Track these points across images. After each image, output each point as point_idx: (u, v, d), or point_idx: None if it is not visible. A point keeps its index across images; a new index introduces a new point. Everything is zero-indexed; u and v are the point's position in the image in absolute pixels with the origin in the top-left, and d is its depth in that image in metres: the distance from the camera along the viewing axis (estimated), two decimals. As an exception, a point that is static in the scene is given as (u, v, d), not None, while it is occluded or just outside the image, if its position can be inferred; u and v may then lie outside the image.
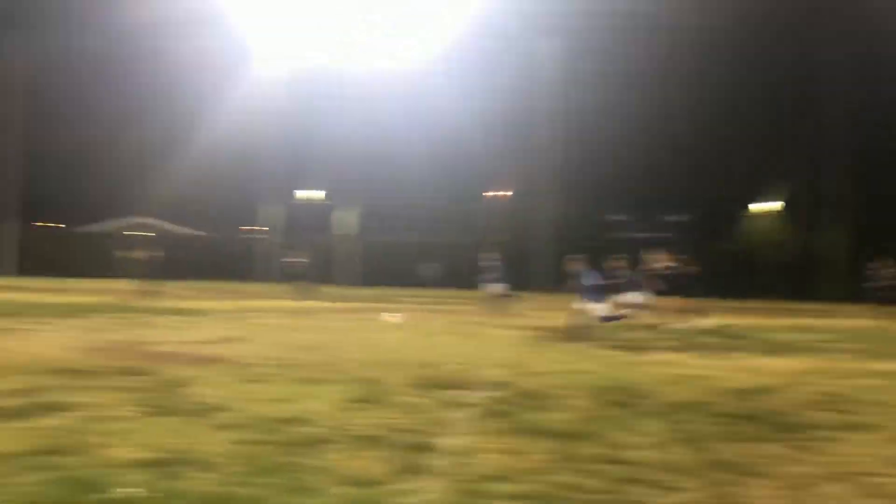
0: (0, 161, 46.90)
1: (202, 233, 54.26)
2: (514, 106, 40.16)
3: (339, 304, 22.45)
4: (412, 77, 41.33)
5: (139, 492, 3.60)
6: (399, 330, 13.74)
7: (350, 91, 44.69)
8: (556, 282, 21.30)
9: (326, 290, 32.58)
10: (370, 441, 4.86)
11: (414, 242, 49.05)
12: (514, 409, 6.16)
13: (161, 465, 4.12)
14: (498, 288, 20.13)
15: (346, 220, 50.03)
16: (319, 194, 52.54)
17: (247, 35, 43.78)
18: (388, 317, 15.27)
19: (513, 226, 44.05)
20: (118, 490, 3.60)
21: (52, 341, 10.11)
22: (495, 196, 48.47)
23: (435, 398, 6.50)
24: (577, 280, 13.04)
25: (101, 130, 45.45)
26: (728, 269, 32.52)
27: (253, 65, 45.09)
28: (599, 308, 12.60)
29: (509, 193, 48.19)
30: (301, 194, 52.12)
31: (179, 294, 24.94)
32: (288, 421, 5.36)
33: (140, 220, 58.62)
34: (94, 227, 57.90)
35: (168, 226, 56.67)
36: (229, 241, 53.38)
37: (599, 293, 12.74)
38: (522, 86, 40.67)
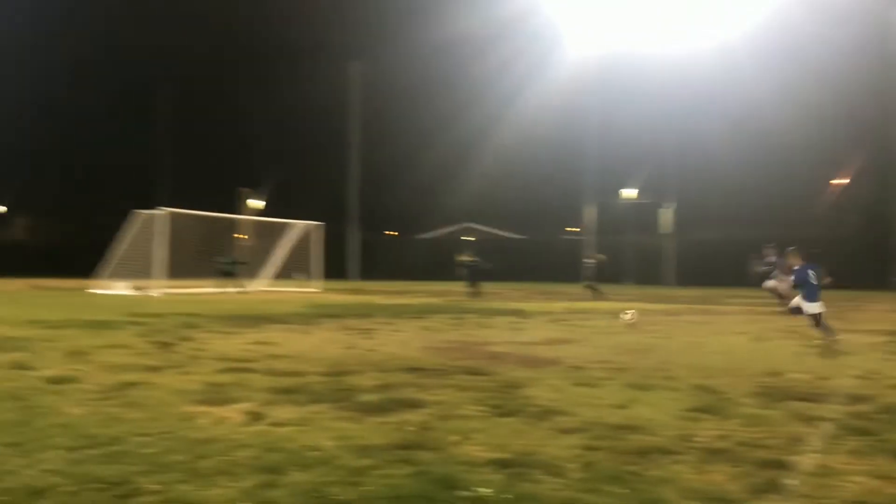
0: (343, 176, 52.86)
1: (523, 236, 56.33)
2: (852, 87, 36.06)
3: (658, 306, 21.91)
4: (728, 61, 38.89)
5: (494, 493, 3.75)
6: (727, 334, 12.99)
7: (664, 83, 43.34)
8: None
9: (647, 290, 31.98)
10: (716, 454, 4.60)
11: (736, 240, 46.26)
12: (878, 426, 5.46)
13: (509, 465, 4.26)
14: (772, 283, 18.53)
15: (663, 218, 48.73)
16: (636, 193, 51.84)
17: (558, 32, 44.36)
18: (625, 317, 14.55)
19: (861, 217, 39.54)
20: (475, 489, 3.78)
21: (399, 340, 11.08)
22: (838, 185, 43.91)
23: (783, 410, 6.00)
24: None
25: (428, 143, 49.32)
26: None
27: (568, 64, 45.62)
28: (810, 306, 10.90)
29: (853, 182, 43.37)
30: (621, 193, 51.78)
31: (506, 296, 26.09)
32: (626, 428, 5.28)
33: (467, 226, 62.55)
34: (427, 235, 62.83)
35: (493, 230, 59.78)
36: (551, 243, 54.76)
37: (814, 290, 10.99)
38: (861, 63, 36.39)
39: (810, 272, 11.80)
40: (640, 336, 12.27)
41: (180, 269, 29.57)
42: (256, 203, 52.22)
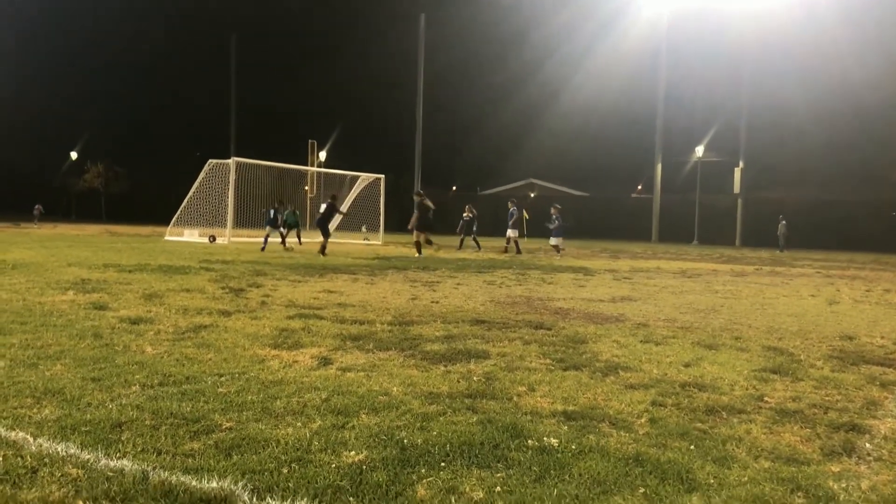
0: (409, 131, 52.83)
1: (588, 194, 55.73)
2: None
3: (725, 266, 21.49)
4: (805, 13, 37.26)
5: (561, 443, 3.75)
6: (797, 296, 12.67)
7: (737, 39, 41.81)
8: None
9: (713, 250, 31.39)
10: (787, 415, 4.50)
11: (807, 201, 44.92)
12: (961, 393, 5.28)
13: (575, 418, 4.25)
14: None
15: (733, 178, 47.57)
16: (702, 152, 50.71)
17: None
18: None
19: None
20: (542, 439, 3.79)
21: (462, 293, 11.12)
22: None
23: (857, 374, 5.84)
24: None
25: (495, 100, 49.01)
26: None
27: (639, 20, 44.38)
28: None
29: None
30: (696, 152, 50.69)
31: (572, 252, 25.90)
32: (693, 385, 5.21)
33: (533, 182, 62.04)
34: (490, 191, 62.52)
35: (558, 187, 59.16)
36: (618, 201, 54.02)
37: None
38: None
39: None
40: (705, 295, 12.06)
41: (249, 217, 30.22)
42: (323, 155, 52.73)
